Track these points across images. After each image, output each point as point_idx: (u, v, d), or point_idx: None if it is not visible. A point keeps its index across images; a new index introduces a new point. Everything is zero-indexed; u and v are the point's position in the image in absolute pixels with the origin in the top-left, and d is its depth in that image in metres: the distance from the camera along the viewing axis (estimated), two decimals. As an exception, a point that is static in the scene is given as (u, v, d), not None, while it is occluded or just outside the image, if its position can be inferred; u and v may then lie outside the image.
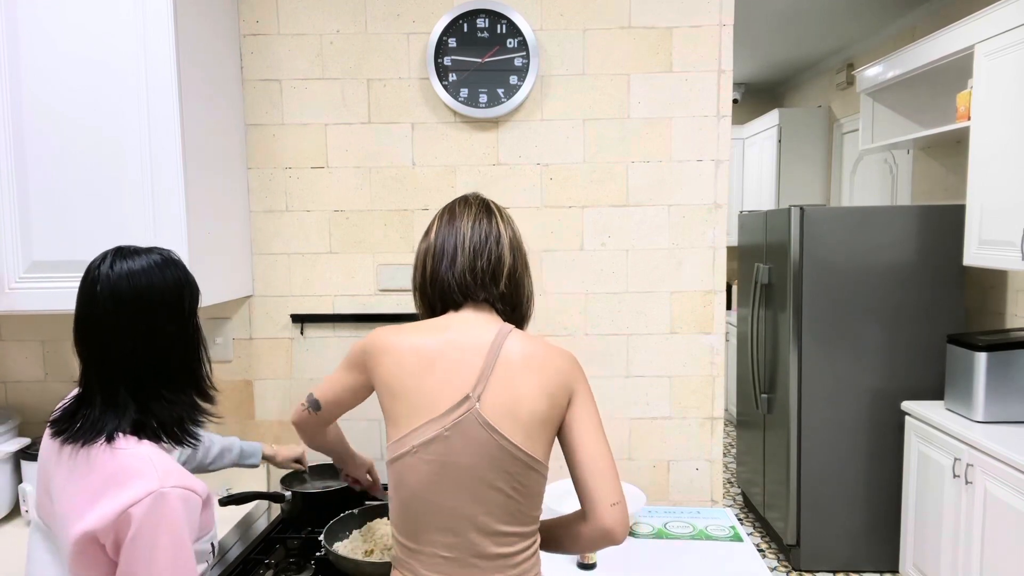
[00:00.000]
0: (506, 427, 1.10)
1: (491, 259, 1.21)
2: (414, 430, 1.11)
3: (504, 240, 1.23)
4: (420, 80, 1.96)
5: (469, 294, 1.20)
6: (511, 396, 1.12)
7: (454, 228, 1.22)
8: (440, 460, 1.10)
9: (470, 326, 1.17)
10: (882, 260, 3.05)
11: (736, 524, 1.79)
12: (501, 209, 1.27)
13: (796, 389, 3.14)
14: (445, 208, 1.27)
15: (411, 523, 1.14)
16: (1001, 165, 2.52)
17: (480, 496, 1.11)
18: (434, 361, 1.13)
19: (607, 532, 1.13)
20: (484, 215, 1.24)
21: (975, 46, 2.65)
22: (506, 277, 1.22)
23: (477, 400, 1.10)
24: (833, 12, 3.86)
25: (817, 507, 3.17)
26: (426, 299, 1.25)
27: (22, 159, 1.60)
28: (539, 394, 1.13)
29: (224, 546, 1.71)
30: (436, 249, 1.23)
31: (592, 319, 2.00)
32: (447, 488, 1.11)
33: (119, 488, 0.97)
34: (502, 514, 1.12)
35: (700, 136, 1.95)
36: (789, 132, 4.91)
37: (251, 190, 2.00)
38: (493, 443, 1.10)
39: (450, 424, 1.10)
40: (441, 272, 1.21)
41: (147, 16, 1.58)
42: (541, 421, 1.13)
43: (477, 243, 1.21)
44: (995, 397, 2.52)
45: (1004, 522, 2.24)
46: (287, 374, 2.03)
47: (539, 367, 1.14)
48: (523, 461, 1.11)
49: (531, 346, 1.16)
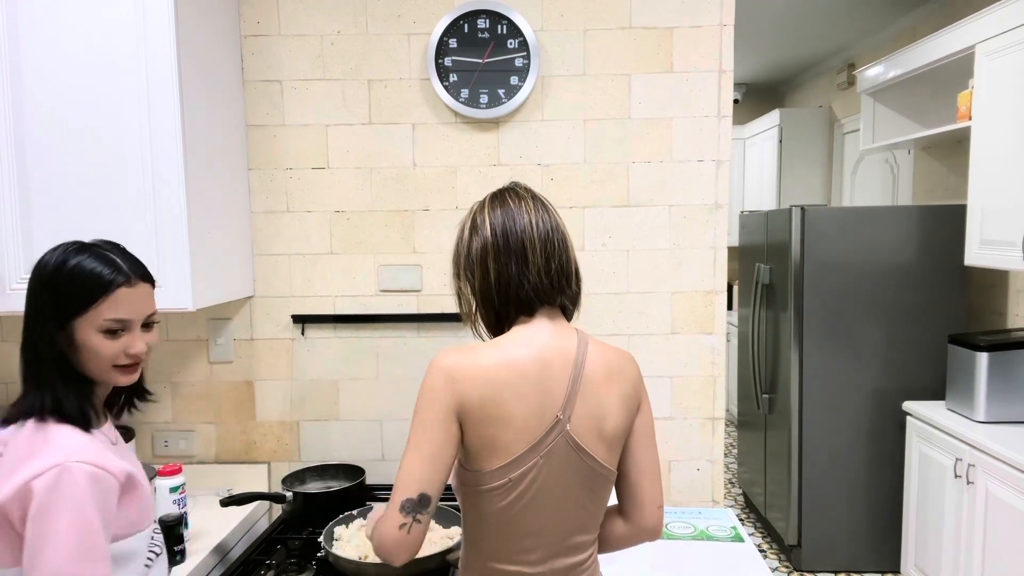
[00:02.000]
0: (592, 444, 1.07)
1: (561, 257, 1.09)
2: (515, 459, 1.03)
3: (566, 234, 1.12)
4: (421, 81, 1.96)
5: (547, 298, 1.09)
6: (596, 413, 1.07)
7: (514, 222, 1.08)
8: (535, 486, 1.05)
9: (551, 337, 1.08)
10: (883, 260, 3.05)
11: (737, 524, 1.79)
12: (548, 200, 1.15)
13: (797, 389, 3.14)
14: (492, 198, 1.13)
15: (499, 545, 1.08)
16: (1002, 165, 2.52)
17: (568, 514, 1.09)
18: (526, 382, 1.03)
19: (651, 531, 1.14)
20: (541, 207, 1.11)
21: (976, 46, 2.65)
22: (576, 276, 1.13)
23: (568, 422, 1.05)
24: (834, 12, 3.86)
25: (818, 507, 3.16)
26: (491, 306, 1.10)
27: (23, 160, 1.61)
28: (620, 408, 1.09)
29: (225, 547, 1.71)
30: (499, 246, 1.07)
31: (593, 319, 2.00)
32: (539, 511, 1.07)
33: (27, 463, 0.97)
34: (583, 527, 1.11)
35: (701, 136, 1.95)
36: (790, 132, 4.91)
37: (252, 191, 2.00)
38: (582, 464, 1.07)
39: (545, 450, 1.04)
40: (513, 274, 1.07)
41: (147, 17, 1.58)
42: (621, 435, 1.11)
43: (547, 239, 1.08)
44: (996, 397, 2.51)
45: (1005, 522, 2.24)
46: (288, 375, 2.03)
47: (618, 378, 1.10)
48: (605, 477, 1.10)
49: (608, 355, 1.11)
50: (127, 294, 1.05)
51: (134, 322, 1.06)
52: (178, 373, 2.03)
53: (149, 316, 1.10)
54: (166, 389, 2.04)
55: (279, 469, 2.04)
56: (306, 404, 2.04)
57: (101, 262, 1.05)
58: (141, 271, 1.10)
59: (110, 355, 1.05)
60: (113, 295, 1.04)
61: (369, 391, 2.03)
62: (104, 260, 1.05)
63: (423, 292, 2.01)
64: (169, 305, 1.63)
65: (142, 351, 1.08)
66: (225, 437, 2.05)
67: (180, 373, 2.03)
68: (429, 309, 2.01)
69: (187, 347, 2.02)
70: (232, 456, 2.05)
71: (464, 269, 1.12)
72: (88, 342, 1.03)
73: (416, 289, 2.01)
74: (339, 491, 1.79)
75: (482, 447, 1.03)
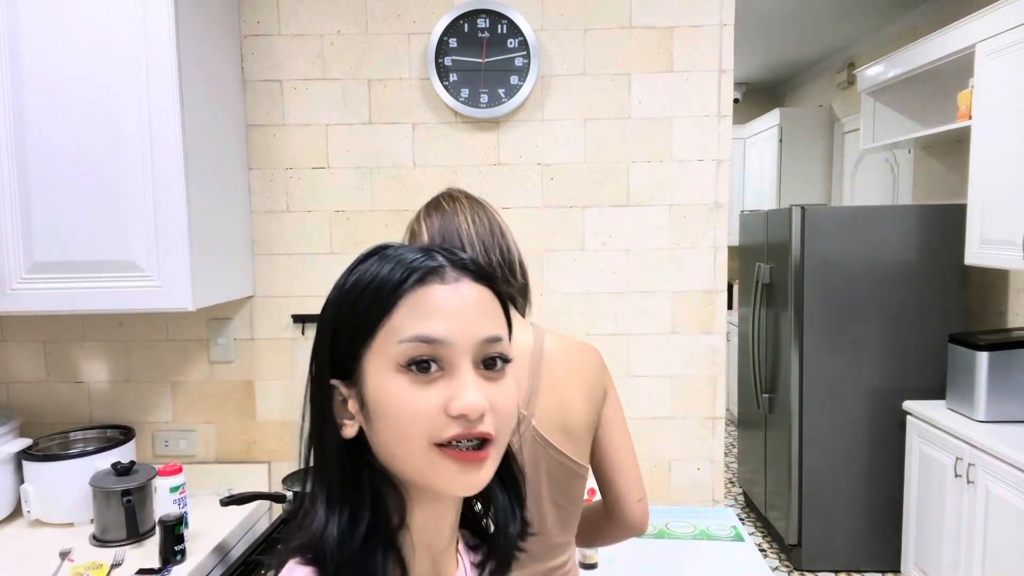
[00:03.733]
0: (559, 439, 1.06)
1: (502, 251, 1.10)
2: None
3: (505, 229, 1.12)
4: (421, 80, 1.96)
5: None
6: (560, 407, 1.06)
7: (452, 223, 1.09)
8: None
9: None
10: (883, 260, 3.05)
11: (737, 524, 1.79)
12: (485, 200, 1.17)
13: (797, 389, 3.14)
14: (427, 206, 1.14)
15: None
16: (1002, 164, 2.52)
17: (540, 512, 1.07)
18: None
19: (633, 527, 1.12)
20: (478, 206, 1.13)
21: (976, 45, 2.65)
22: (520, 267, 1.12)
23: (532, 416, 1.04)
24: (834, 12, 3.86)
25: (819, 507, 3.16)
26: None
27: (23, 161, 1.61)
28: (584, 400, 1.08)
29: (226, 546, 1.71)
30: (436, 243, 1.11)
31: (593, 319, 2.00)
32: None
33: None
34: (557, 526, 1.10)
35: (701, 136, 1.95)
36: (790, 132, 4.91)
37: (252, 190, 2.00)
38: (550, 459, 1.06)
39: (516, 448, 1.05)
40: None
41: (148, 17, 1.58)
42: (588, 427, 1.09)
43: (485, 236, 1.09)
44: (997, 396, 2.51)
45: (1006, 521, 2.24)
46: (288, 374, 2.03)
47: (580, 370, 1.08)
48: (576, 472, 1.09)
49: (567, 346, 1.09)
50: (444, 295, 0.58)
51: (458, 350, 0.57)
52: (178, 373, 2.03)
53: (490, 345, 0.58)
54: (166, 389, 2.04)
55: (279, 469, 2.04)
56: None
57: (400, 254, 0.60)
58: (470, 266, 0.62)
59: (423, 412, 0.55)
60: (415, 295, 0.58)
61: (369, 391, 2.03)
62: (406, 251, 0.61)
63: (423, 292, 2.00)
64: (169, 305, 1.63)
65: (479, 407, 0.55)
66: (225, 437, 2.05)
67: (180, 373, 2.03)
68: (429, 309, 2.00)
69: (187, 347, 2.02)
70: (232, 456, 2.05)
71: None
72: (384, 390, 0.56)
73: (416, 289, 2.00)
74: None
75: None
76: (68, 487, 1.72)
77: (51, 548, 1.62)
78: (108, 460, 1.72)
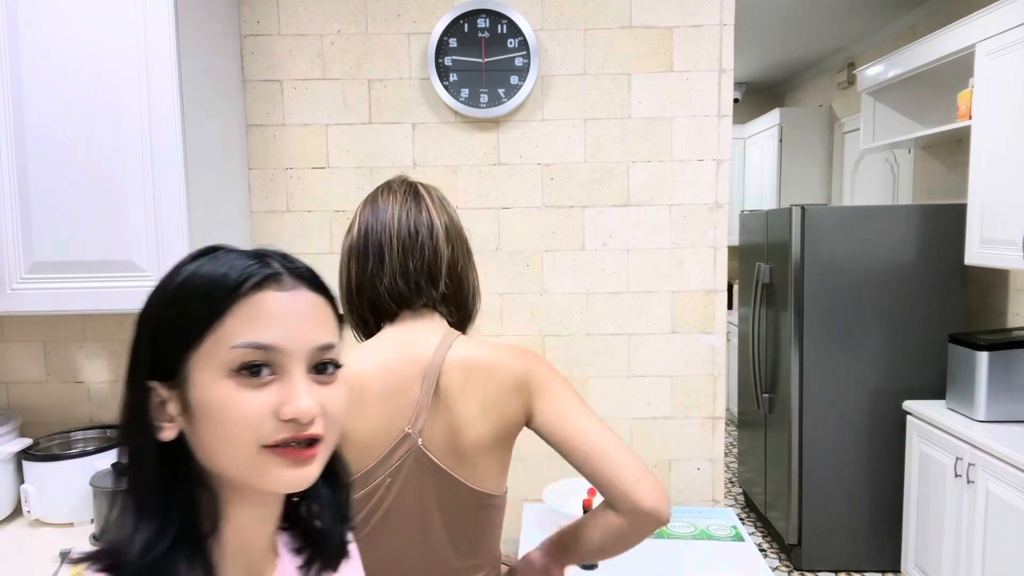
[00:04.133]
0: (450, 462, 0.97)
1: (425, 255, 1.01)
2: (361, 475, 0.96)
3: (438, 230, 1.02)
4: (421, 80, 1.96)
5: (404, 302, 1.02)
6: (452, 424, 0.97)
7: (378, 221, 1.02)
8: (384, 505, 0.97)
9: (406, 344, 1.00)
10: (883, 259, 3.05)
11: (737, 524, 1.79)
12: (432, 191, 1.07)
13: (797, 388, 3.13)
14: (368, 197, 1.07)
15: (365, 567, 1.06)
16: (1002, 164, 2.52)
17: (431, 539, 0.99)
18: (368, 392, 0.96)
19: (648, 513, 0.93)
20: (412, 202, 1.03)
21: (976, 45, 2.65)
22: (446, 275, 1.03)
23: (419, 436, 0.96)
24: (834, 11, 3.86)
25: (819, 507, 3.16)
26: (355, 310, 1.05)
27: (23, 160, 1.60)
28: (480, 417, 0.97)
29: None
30: (360, 248, 1.03)
31: (593, 319, 2.00)
32: (396, 532, 0.98)
33: None
34: (459, 552, 1.01)
35: (701, 136, 1.95)
36: (790, 131, 4.91)
37: (252, 190, 2.00)
38: (439, 483, 0.97)
39: (394, 467, 0.96)
40: (368, 277, 1.02)
41: (148, 17, 1.58)
42: (488, 447, 0.99)
43: (406, 238, 1.01)
44: (997, 396, 2.51)
45: (1006, 521, 2.24)
46: (288, 374, 2.03)
47: (480, 382, 0.98)
48: (475, 500, 0.99)
49: (472, 356, 0.99)
50: (280, 302, 0.58)
51: (292, 357, 0.57)
52: (178, 373, 2.03)
53: (323, 352, 0.60)
54: (166, 389, 2.04)
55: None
56: (306, 404, 2.04)
57: (234, 258, 0.59)
58: (305, 274, 0.62)
59: (253, 416, 0.56)
60: (250, 301, 0.57)
61: (369, 391, 2.03)
62: (240, 256, 0.60)
63: (423, 292, 2.01)
64: (169, 305, 1.63)
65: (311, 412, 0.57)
66: (225, 437, 2.05)
67: (180, 373, 2.03)
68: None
69: (187, 347, 2.02)
70: (232, 456, 2.05)
71: (339, 271, 1.08)
72: (211, 394, 0.56)
73: (416, 289, 2.01)
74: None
75: None
76: (68, 487, 1.72)
77: (51, 548, 1.62)
78: (108, 460, 1.72)
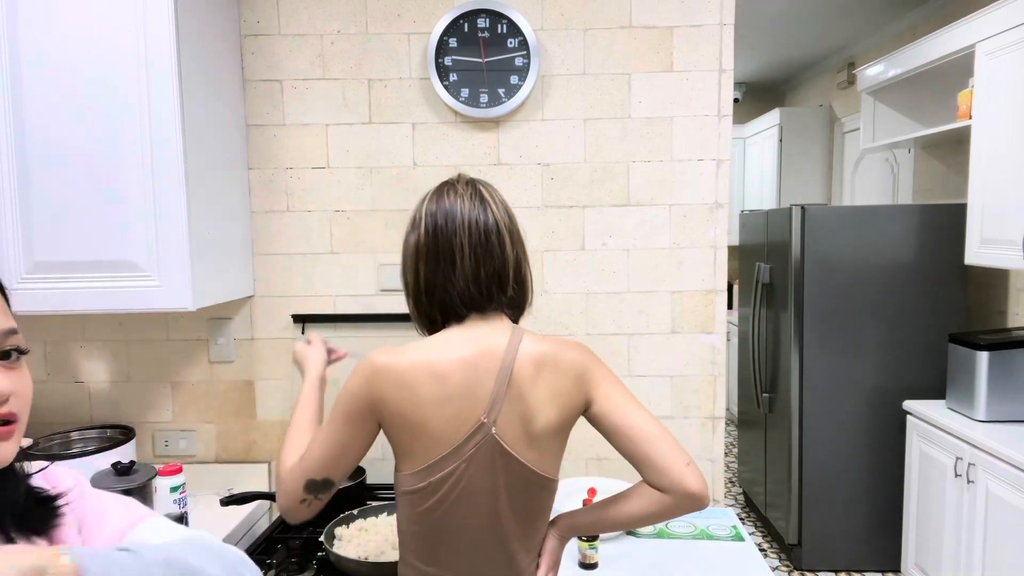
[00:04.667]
0: (520, 448, 1.05)
1: (495, 262, 1.06)
2: (433, 463, 1.03)
3: (504, 234, 1.08)
4: (421, 80, 1.96)
5: (475, 307, 1.07)
6: (524, 414, 1.04)
7: (448, 223, 1.06)
8: (456, 491, 1.04)
9: (480, 339, 1.06)
10: (883, 259, 3.05)
11: (737, 523, 1.79)
12: (493, 191, 1.11)
13: (797, 388, 3.14)
14: (434, 191, 1.10)
15: (429, 550, 1.08)
16: (1002, 164, 2.52)
17: (498, 521, 1.06)
18: (449, 385, 1.02)
19: (694, 495, 1.02)
20: (478, 204, 1.07)
21: (976, 45, 2.65)
22: (512, 279, 1.09)
23: (493, 425, 1.03)
24: (834, 11, 3.86)
25: (819, 506, 3.16)
26: (422, 308, 1.09)
27: (24, 161, 1.61)
28: (550, 404, 1.05)
29: (226, 546, 1.71)
30: (429, 249, 1.06)
31: (593, 319, 2.00)
32: (466, 517, 1.05)
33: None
34: (517, 535, 1.09)
35: (701, 135, 1.95)
36: (790, 131, 4.91)
37: (252, 190, 2.00)
38: (510, 468, 1.05)
39: (468, 455, 1.03)
40: (439, 281, 1.06)
41: (148, 17, 1.58)
42: (555, 432, 1.07)
43: (477, 244, 1.05)
44: (997, 396, 2.51)
45: (1006, 521, 2.24)
46: (288, 374, 2.03)
47: (549, 372, 1.06)
48: (537, 483, 1.07)
49: (540, 349, 1.07)
50: None
51: None
52: (178, 373, 2.03)
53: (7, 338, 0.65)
54: (166, 389, 2.04)
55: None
56: (306, 404, 2.04)
57: None
58: None
59: None
60: None
61: (369, 391, 2.03)
62: None
63: (423, 291, 2.01)
64: (169, 305, 1.63)
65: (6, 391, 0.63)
66: (225, 437, 2.05)
67: (180, 373, 2.03)
68: (429, 308, 2.01)
69: (187, 347, 2.02)
70: (232, 456, 2.05)
71: (403, 267, 1.11)
72: None
73: (416, 288, 2.01)
74: (339, 490, 1.79)
75: (401, 450, 1.05)
76: (68, 487, 1.72)
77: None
78: (108, 460, 1.72)
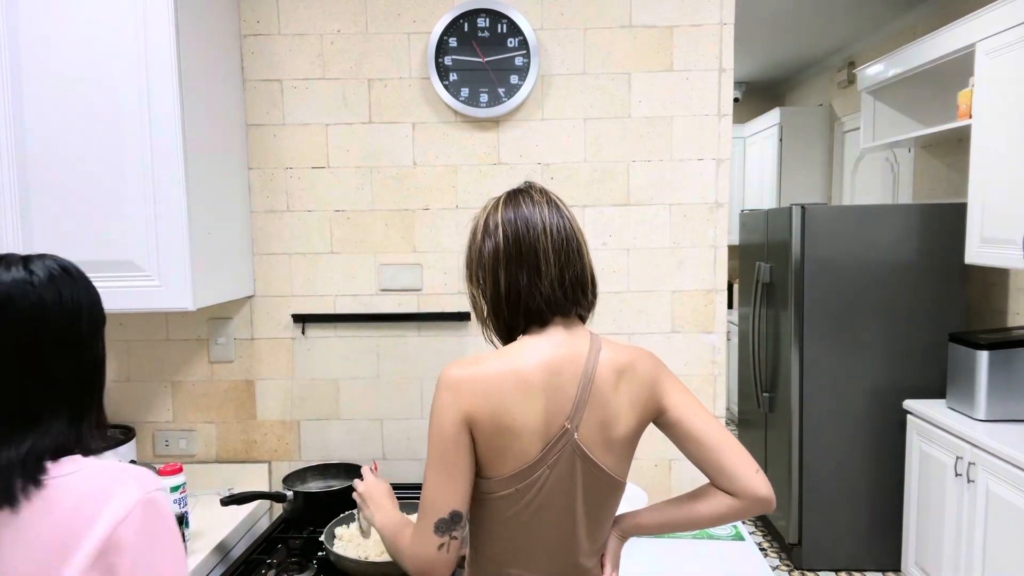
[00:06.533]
0: (600, 453, 1.06)
1: (575, 265, 1.07)
2: (522, 470, 1.03)
3: (582, 240, 1.09)
4: (421, 80, 1.96)
5: (560, 310, 1.07)
6: (605, 420, 1.06)
7: (527, 228, 1.05)
8: (541, 496, 1.05)
9: (561, 345, 1.06)
10: (884, 258, 3.05)
11: (738, 523, 1.79)
12: (560, 200, 1.12)
13: (798, 388, 3.14)
14: (506, 199, 1.10)
15: (513, 552, 1.09)
16: (1003, 163, 2.52)
17: (573, 523, 1.08)
18: (535, 391, 1.02)
19: (763, 499, 1.06)
20: (556, 211, 1.07)
21: (976, 44, 2.65)
22: (592, 284, 1.11)
23: (575, 430, 1.04)
24: (834, 11, 3.86)
25: (819, 506, 3.16)
26: (501, 315, 1.08)
27: (23, 161, 1.61)
28: (630, 412, 1.07)
29: (226, 546, 1.71)
30: (511, 255, 1.05)
31: (594, 318, 1.99)
32: (547, 520, 1.06)
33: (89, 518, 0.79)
34: (590, 535, 1.11)
35: (701, 135, 1.95)
36: (790, 131, 4.91)
37: (252, 190, 2.00)
38: (588, 473, 1.06)
39: (552, 460, 1.04)
40: (523, 286, 1.05)
41: (148, 17, 1.58)
42: (631, 438, 1.09)
43: (560, 248, 1.05)
44: (997, 395, 2.52)
45: (1006, 520, 2.24)
46: (288, 374, 2.03)
47: (628, 381, 1.07)
48: (612, 486, 1.10)
49: (618, 357, 1.08)
50: None
51: None
52: (178, 372, 2.03)
53: None
54: (166, 389, 2.04)
55: (280, 468, 2.04)
56: (306, 403, 2.04)
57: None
58: None
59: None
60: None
61: (370, 390, 2.03)
62: None
63: (423, 291, 2.01)
64: (169, 305, 1.63)
65: None
66: (225, 436, 2.05)
67: (180, 372, 2.03)
68: (429, 308, 2.01)
69: (187, 347, 2.02)
70: (232, 455, 2.06)
71: (475, 274, 1.09)
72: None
73: (416, 288, 2.01)
74: (340, 490, 1.79)
75: (491, 456, 1.03)
76: (68, 487, 1.72)
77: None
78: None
